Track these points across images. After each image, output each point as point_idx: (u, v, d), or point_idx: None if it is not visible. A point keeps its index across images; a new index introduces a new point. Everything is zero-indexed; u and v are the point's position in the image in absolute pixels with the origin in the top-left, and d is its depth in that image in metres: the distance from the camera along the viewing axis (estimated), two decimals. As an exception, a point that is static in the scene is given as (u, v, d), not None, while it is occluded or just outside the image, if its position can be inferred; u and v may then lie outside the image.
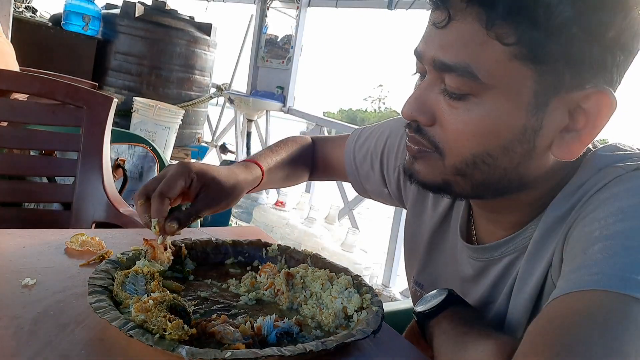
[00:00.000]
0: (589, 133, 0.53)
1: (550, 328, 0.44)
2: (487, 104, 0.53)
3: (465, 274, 0.70)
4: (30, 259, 0.68)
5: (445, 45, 0.54)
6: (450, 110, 0.55)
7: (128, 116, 3.76)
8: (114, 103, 1.46)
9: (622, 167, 0.54)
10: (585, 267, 0.47)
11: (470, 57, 0.52)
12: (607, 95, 0.51)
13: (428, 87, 0.57)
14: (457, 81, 0.53)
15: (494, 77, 0.52)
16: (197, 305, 0.63)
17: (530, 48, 0.50)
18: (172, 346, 0.49)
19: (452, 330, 0.58)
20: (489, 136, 0.54)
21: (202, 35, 4.30)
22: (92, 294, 0.56)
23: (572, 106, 0.53)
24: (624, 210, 0.49)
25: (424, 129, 0.59)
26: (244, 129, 4.74)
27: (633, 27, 0.51)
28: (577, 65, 0.51)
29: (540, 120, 0.53)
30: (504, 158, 0.55)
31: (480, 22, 0.51)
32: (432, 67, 0.56)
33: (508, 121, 0.53)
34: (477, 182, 0.58)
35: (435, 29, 0.55)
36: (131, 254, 0.68)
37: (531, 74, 0.51)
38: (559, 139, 0.55)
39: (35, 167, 1.49)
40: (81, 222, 1.39)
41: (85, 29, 3.94)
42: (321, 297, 0.66)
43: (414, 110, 0.58)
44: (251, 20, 4.77)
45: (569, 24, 0.49)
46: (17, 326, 0.51)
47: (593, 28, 0.49)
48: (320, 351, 0.52)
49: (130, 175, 1.93)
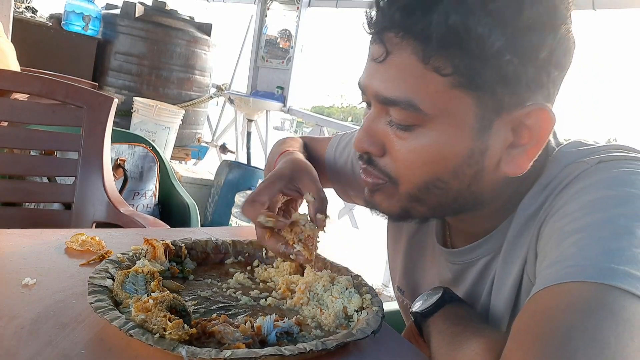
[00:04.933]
0: (534, 147, 0.56)
1: (532, 323, 0.45)
2: (433, 133, 0.55)
3: (445, 278, 0.71)
4: (30, 259, 0.68)
5: (386, 80, 0.56)
6: (398, 141, 0.57)
7: (128, 116, 3.76)
8: (115, 103, 1.46)
9: (586, 162, 0.56)
10: (561, 261, 0.48)
11: (411, 91, 0.54)
12: (546, 111, 0.54)
13: (375, 119, 0.59)
14: (402, 114, 0.55)
15: (436, 107, 0.54)
16: (197, 304, 0.63)
17: (468, 76, 0.52)
18: (172, 346, 0.49)
19: (447, 329, 0.58)
20: (438, 163, 0.57)
21: (202, 35, 4.30)
22: (92, 294, 0.56)
23: (515, 124, 0.55)
24: (592, 202, 0.51)
25: (375, 160, 0.61)
26: (244, 129, 4.74)
27: (564, 44, 0.54)
28: (515, 87, 0.53)
29: (486, 142, 0.55)
30: (455, 181, 0.58)
31: (416, 56, 0.53)
32: (376, 101, 0.58)
33: (454, 147, 0.56)
34: (433, 205, 0.60)
35: (375, 63, 0.56)
36: (131, 254, 0.68)
37: (471, 100, 0.53)
38: (506, 155, 0.57)
39: (35, 167, 1.49)
40: (81, 222, 1.39)
41: (85, 29, 3.94)
42: (322, 297, 0.67)
43: (364, 143, 0.60)
44: (251, 20, 4.77)
45: (502, 52, 0.51)
46: (17, 326, 0.51)
47: (526, 52, 0.51)
48: (320, 351, 0.52)
49: (130, 175, 1.93)
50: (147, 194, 1.98)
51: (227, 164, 3.35)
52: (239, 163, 3.61)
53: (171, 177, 2.00)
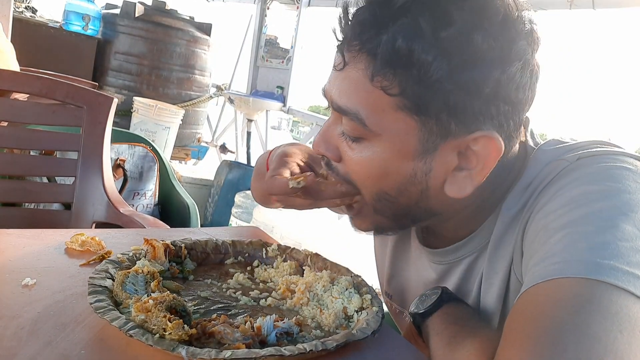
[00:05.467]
0: (479, 172, 0.56)
1: (523, 321, 0.45)
2: (377, 149, 0.56)
3: (429, 279, 0.71)
4: (30, 259, 0.68)
5: (340, 89, 0.57)
6: (348, 150, 0.59)
7: (128, 116, 3.76)
8: (114, 103, 1.46)
9: (566, 159, 0.57)
10: (547, 259, 0.48)
11: (359, 104, 0.55)
12: (494, 140, 0.54)
13: (332, 124, 0.61)
14: (350, 124, 0.57)
15: (380, 125, 0.55)
16: (197, 305, 0.63)
17: (413, 101, 0.52)
18: (172, 346, 0.49)
19: (445, 330, 0.58)
20: (382, 178, 0.58)
21: (202, 35, 4.30)
22: (92, 294, 0.56)
23: (462, 148, 0.55)
24: (575, 198, 0.51)
25: (332, 164, 0.62)
26: (244, 128, 4.74)
27: (515, 80, 0.53)
28: (461, 116, 0.53)
29: (430, 163, 0.56)
30: (402, 197, 0.59)
31: (366, 71, 0.54)
32: (333, 107, 0.59)
33: (396, 166, 0.57)
34: (392, 216, 0.62)
35: (335, 71, 0.58)
36: (131, 254, 0.68)
37: (416, 124, 0.54)
38: (451, 177, 0.57)
39: (35, 167, 1.49)
40: (81, 222, 1.39)
41: (85, 29, 3.94)
42: (322, 297, 0.67)
43: (321, 147, 0.62)
44: (251, 20, 4.77)
45: (443, 81, 0.51)
46: (17, 326, 0.51)
47: (468, 85, 0.51)
48: (320, 351, 0.52)
49: (130, 175, 1.93)
50: (147, 194, 1.97)
51: (227, 164, 3.36)
52: (239, 163, 3.61)
53: (171, 177, 2.00)
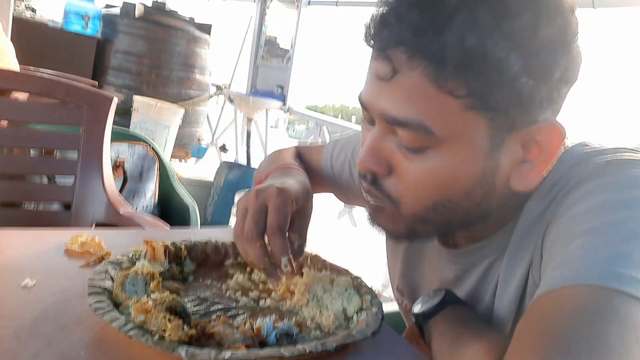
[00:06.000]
0: (544, 162, 0.55)
1: (536, 326, 0.45)
2: (445, 155, 0.53)
3: (446, 279, 0.70)
4: (30, 259, 0.68)
5: (394, 101, 0.52)
6: (406, 162, 0.55)
7: (128, 115, 3.76)
8: (114, 102, 1.46)
9: (594, 163, 0.55)
10: (567, 263, 0.47)
11: (422, 113, 0.51)
12: (557, 127, 0.53)
13: (380, 137, 0.56)
14: (411, 136, 0.53)
15: (448, 129, 0.52)
16: (196, 306, 0.63)
17: (482, 98, 0.50)
18: (171, 347, 0.49)
19: (449, 331, 0.58)
20: (449, 185, 0.55)
21: (202, 35, 4.30)
22: (92, 295, 0.56)
23: (526, 139, 0.54)
24: (600, 205, 0.50)
25: (379, 180, 0.58)
26: (244, 128, 4.74)
27: (575, 61, 0.53)
28: (528, 106, 0.52)
29: (497, 160, 0.54)
30: (466, 201, 0.56)
31: (428, 77, 0.50)
32: (382, 120, 0.55)
33: (466, 168, 0.54)
34: (440, 223, 0.59)
35: (380, 81, 0.53)
36: (131, 255, 0.68)
37: (484, 121, 0.52)
38: (516, 172, 0.56)
39: (35, 167, 1.49)
40: (81, 222, 1.39)
41: (85, 29, 3.94)
42: (321, 298, 0.66)
43: (369, 163, 0.57)
44: (251, 20, 4.77)
45: (518, 75, 0.49)
46: (17, 326, 0.51)
47: (541, 72, 0.50)
48: (320, 352, 0.52)
49: (130, 175, 1.93)
50: (146, 194, 1.97)
51: (227, 164, 3.36)
52: (239, 163, 3.61)
53: (171, 177, 2.00)
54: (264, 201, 0.62)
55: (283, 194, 0.63)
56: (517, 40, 0.48)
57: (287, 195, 0.64)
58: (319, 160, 0.94)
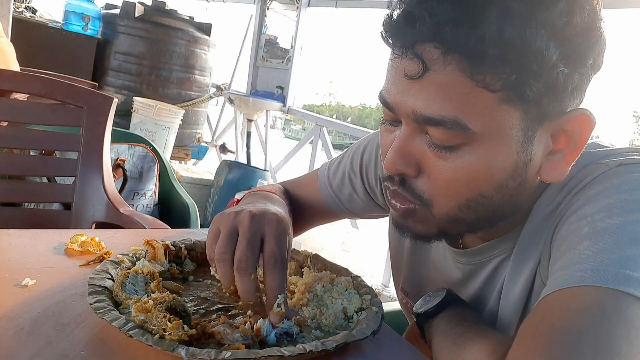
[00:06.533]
0: (573, 152, 0.54)
1: (541, 325, 0.44)
2: (480, 150, 0.52)
3: (453, 278, 0.70)
4: (30, 259, 0.68)
5: (426, 99, 0.51)
6: (438, 161, 0.53)
7: (128, 116, 3.76)
8: (114, 103, 1.46)
9: (606, 164, 0.55)
10: (575, 264, 0.47)
11: (457, 109, 0.50)
12: (587, 115, 0.52)
13: (409, 138, 0.55)
14: (446, 133, 0.51)
15: (484, 124, 0.51)
16: (196, 305, 0.63)
17: (517, 90, 0.49)
18: (171, 346, 0.49)
19: (450, 330, 0.58)
20: (482, 180, 0.54)
21: (202, 35, 4.30)
22: (92, 294, 0.56)
23: (555, 130, 0.54)
24: (611, 206, 0.50)
25: (408, 181, 0.57)
26: (244, 128, 4.74)
27: (604, 46, 0.52)
28: (560, 95, 0.51)
29: (530, 152, 0.53)
30: (498, 195, 0.55)
31: (462, 72, 0.48)
32: (411, 120, 0.53)
33: (501, 162, 0.53)
34: (472, 221, 0.57)
35: (408, 80, 0.51)
36: (131, 255, 0.68)
37: (518, 113, 0.51)
38: (546, 163, 0.55)
39: (35, 167, 1.49)
40: (81, 222, 1.39)
41: (85, 29, 3.94)
42: (321, 298, 0.66)
43: (398, 164, 0.55)
44: (251, 20, 4.77)
45: (557, 64, 0.48)
46: (17, 326, 0.51)
47: (577, 61, 0.50)
48: (320, 351, 0.52)
49: (130, 175, 1.93)
50: (146, 194, 1.98)
51: (227, 164, 3.36)
52: (239, 163, 3.61)
53: (171, 177, 2.00)
54: (260, 227, 0.58)
55: (282, 221, 0.60)
56: (553, 29, 0.47)
57: (286, 224, 0.61)
58: (312, 190, 0.91)
